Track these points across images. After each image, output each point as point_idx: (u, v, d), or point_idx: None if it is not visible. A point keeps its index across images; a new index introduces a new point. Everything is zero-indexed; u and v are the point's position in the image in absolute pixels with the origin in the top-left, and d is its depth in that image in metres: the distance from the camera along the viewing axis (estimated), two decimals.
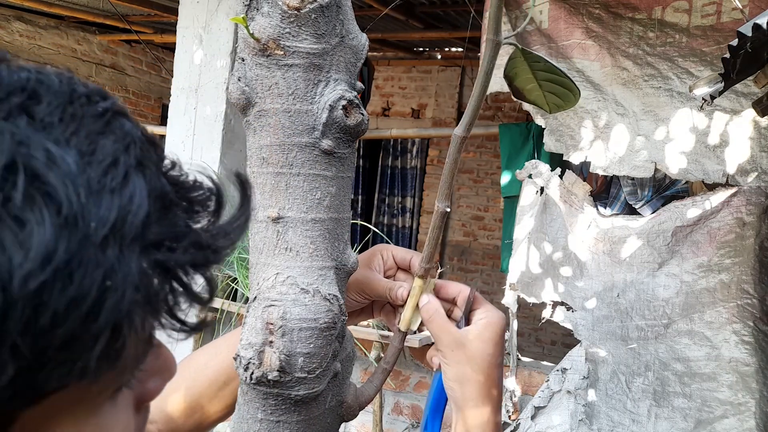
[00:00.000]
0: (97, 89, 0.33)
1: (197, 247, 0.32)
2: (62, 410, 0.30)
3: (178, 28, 3.43)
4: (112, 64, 6.00)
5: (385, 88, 6.33)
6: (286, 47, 0.62)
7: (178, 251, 0.31)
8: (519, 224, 2.97)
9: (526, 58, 0.71)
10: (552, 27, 2.80)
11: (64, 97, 0.30)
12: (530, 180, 2.94)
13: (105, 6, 4.72)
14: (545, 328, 5.44)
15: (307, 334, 0.63)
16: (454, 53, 5.89)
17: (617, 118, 2.63)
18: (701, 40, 2.48)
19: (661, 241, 2.56)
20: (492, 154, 5.81)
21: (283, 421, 0.65)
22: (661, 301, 2.53)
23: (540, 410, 2.67)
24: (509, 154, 3.91)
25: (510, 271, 2.96)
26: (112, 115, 0.32)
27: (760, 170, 2.37)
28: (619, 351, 2.60)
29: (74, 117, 0.30)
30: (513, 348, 2.96)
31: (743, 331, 2.34)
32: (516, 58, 0.71)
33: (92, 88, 0.32)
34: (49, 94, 0.30)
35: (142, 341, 0.32)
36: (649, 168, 2.55)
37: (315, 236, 0.65)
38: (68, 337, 0.26)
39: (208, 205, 0.34)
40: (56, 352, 0.26)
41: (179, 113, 3.44)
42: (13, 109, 0.28)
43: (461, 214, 6.10)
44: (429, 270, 0.73)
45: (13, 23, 5.24)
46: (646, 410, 2.46)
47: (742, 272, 2.39)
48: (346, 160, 0.67)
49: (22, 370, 0.26)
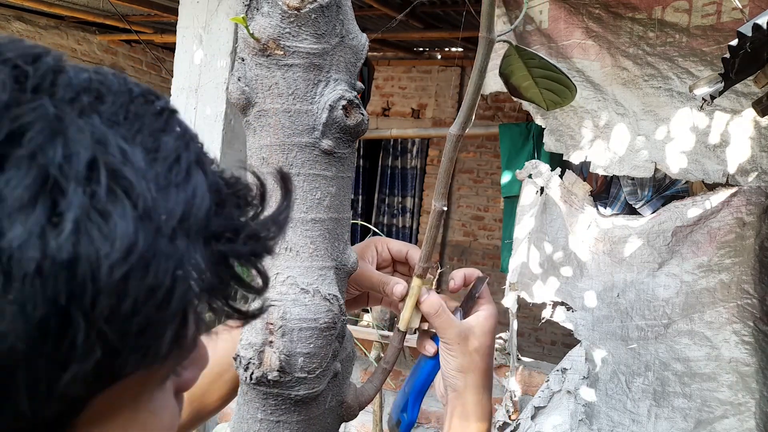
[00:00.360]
0: (149, 89, 0.34)
1: (254, 238, 0.34)
2: (124, 397, 0.31)
3: (178, 28, 3.43)
4: (112, 64, 5.97)
5: (385, 88, 6.33)
6: (286, 47, 0.62)
7: (238, 242, 0.33)
8: (519, 224, 2.97)
9: (521, 56, 0.71)
10: (552, 27, 2.80)
11: (125, 96, 0.32)
12: (530, 180, 2.94)
13: (105, 6, 4.72)
14: (545, 328, 5.44)
15: (307, 334, 0.63)
16: (454, 53, 5.88)
17: (617, 118, 2.63)
18: (701, 39, 2.48)
19: (661, 241, 2.56)
20: (492, 154, 5.81)
21: (283, 421, 0.65)
22: (661, 301, 2.53)
23: (540, 410, 2.67)
24: (509, 154, 3.92)
25: (510, 271, 2.96)
26: (169, 114, 0.33)
27: (760, 170, 2.37)
28: (619, 351, 2.60)
29: (137, 116, 0.31)
30: (513, 348, 2.96)
31: (743, 331, 2.34)
32: (511, 56, 0.71)
33: (145, 87, 0.34)
34: (110, 94, 0.31)
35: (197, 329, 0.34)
36: (649, 168, 2.55)
37: (315, 236, 0.65)
38: (145, 323, 0.28)
39: (254, 199, 0.36)
40: (134, 338, 0.28)
41: (179, 113, 3.44)
42: (84, 107, 0.29)
43: (461, 214, 6.10)
44: (428, 269, 0.73)
45: (13, 23, 5.24)
46: (646, 410, 2.46)
47: (742, 272, 2.39)
48: (346, 160, 0.67)
49: (105, 355, 0.27)
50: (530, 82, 0.72)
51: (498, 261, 4.84)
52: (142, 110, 0.32)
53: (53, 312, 0.26)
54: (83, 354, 0.27)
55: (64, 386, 0.27)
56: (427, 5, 4.28)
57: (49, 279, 0.25)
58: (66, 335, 0.26)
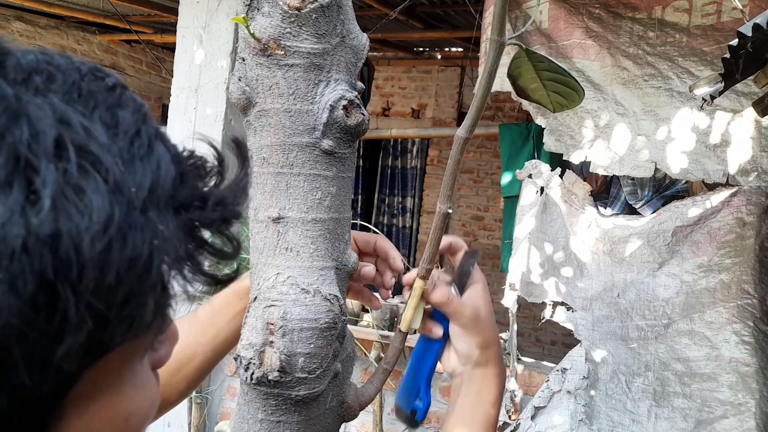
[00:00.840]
0: (96, 66, 0.35)
1: (222, 204, 0.35)
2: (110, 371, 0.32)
3: (178, 28, 3.42)
4: (112, 64, 5.99)
5: (385, 88, 6.33)
6: (286, 47, 0.62)
7: (207, 210, 0.34)
8: (519, 224, 2.96)
9: (530, 58, 0.71)
10: (552, 27, 2.80)
11: (74, 74, 0.32)
12: (530, 180, 2.94)
13: (105, 6, 4.71)
14: (545, 328, 5.44)
15: (307, 334, 0.63)
16: (454, 53, 5.88)
17: (617, 118, 2.63)
18: (701, 39, 2.48)
19: (662, 241, 2.56)
20: (492, 154, 5.81)
21: (284, 421, 0.65)
22: (662, 301, 2.53)
23: (540, 410, 2.67)
24: (509, 154, 3.91)
25: (510, 271, 2.96)
26: (121, 89, 0.34)
27: (760, 170, 2.37)
28: (619, 351, 2.60)
29: (90, 93, 0.32)
30: (513, 348, 2.96)
31: (743, 331, 2.34)
32: (520, 58, 0.71)
33: (92, 65, 0.34)
34: (60, 72, 0.31)
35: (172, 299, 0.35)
36: (649, 168, 2.55)
37: (315, 236, 0.65)
38: (129, 293, 0.29)
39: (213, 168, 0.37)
40: (120, 308, 0.29)
41: (179, 113, 3.44)
42: (39, 87, 0.30)
43: (461, 214, 6.10)
44: (430, 271, 0.73)
45: (13, 23, 5.24)
46: (646, 410, 2.46)
47: (743, 272, 2.39)
48: (347, 160, 0.67)
49: (95, 326, 0.28)
50: (538, 84, 0.73)
51: (498, 261, 4.84)
52: (94, 87, 0.32)
53: (42, 287, 0.26)
54: (75, 326, 0.27)
55: (60, 359, 0.28)
56: (427, 5, 4.28)
57: (35, 255, 0.26)
58: (57, 309, 0.27)
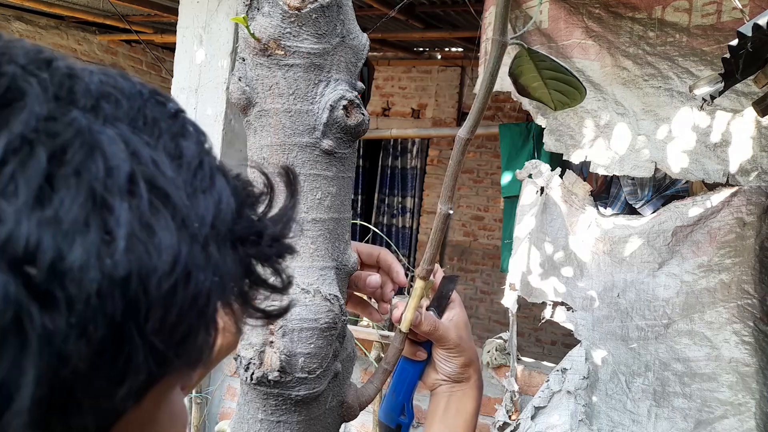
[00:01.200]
0: (155, 89, 0.33)
1: (277, 240, 0.34)
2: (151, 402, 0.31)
3: (178, 28, 3.42)
4: (112, 64, 5.99)
5: (385, 88, 6.32)
6: (286, 47, 0.62)
7: (263, 245, 0.33)
8: (519, 224, 2.96)
9: (532, 58, 0.71)
10: (552, 27, 2.80)
11: (137, 99, 0.31)
12: (530, 180, 2.94)
13: (105, 6, 4.71)
14: (545, 328, 5.44)
15: (307, 334, 0.63)
16: (454, 53, 5.88)
17: (617, 118, 2.63)
18: (701, 39, 2.48)
19: (662, 240, 2.56)
20: (492, 154, 5.81)
21: (284, 421, 0.65)
22: (662, 301, 2.53)
23: (540, 410, 2.67)
24: (509, 154, 3.91)
25: (510, 271, 2.96)
26: (183, 117, 0.33)
27: (760, 170, 2.37)
28: (619, 351, 2.60)
29: (154, 120, 0.31)
30: (513, 348, 2.96)
31: (743, 331, 2.34)
32: (522, 57, 0.71)
33: (150, 87, 0.33)
34: (125, 98, 0.30)
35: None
36: (649, 168, 2.54)
37: (315, 236, 0.65)
38: (188, 331, 0.28)
39: (262, 196, 0.36)
40: (178, 346, 0.28)
41: None
42: (108, 116, 0.29)
43: (461, 214, 6.10)
44: (431, 271, 0.73)
45: (13, 23, 5.24)
46: (646, 410, 2.46)
47: (743, 272, 2.38)
48: (347, 160, 0.67)
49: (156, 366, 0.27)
50: (540, 83, 0.73)
51: (498, 261, 4.84)
52: (157, 113, 0.31)
53: (111, 330, 0.26)
54: (137, 368, 0.27)
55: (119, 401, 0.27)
56: (427, 5, 4.28)
57: (107, 298, 0.25)
58: (122, 351, 0.26)
